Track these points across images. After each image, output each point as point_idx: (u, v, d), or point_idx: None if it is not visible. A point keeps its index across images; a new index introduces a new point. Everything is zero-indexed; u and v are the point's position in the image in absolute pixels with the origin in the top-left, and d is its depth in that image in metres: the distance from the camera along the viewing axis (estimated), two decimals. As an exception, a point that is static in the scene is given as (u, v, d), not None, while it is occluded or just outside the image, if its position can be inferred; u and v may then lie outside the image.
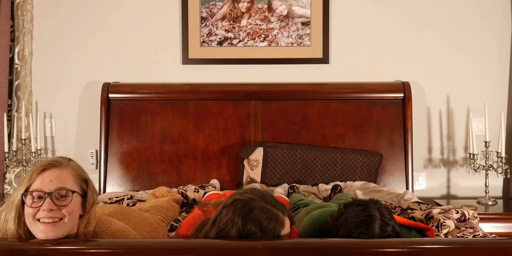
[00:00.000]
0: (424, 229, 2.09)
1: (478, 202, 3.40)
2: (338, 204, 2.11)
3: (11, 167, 3.57)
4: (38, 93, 3.74)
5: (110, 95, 3.59)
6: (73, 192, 1.78)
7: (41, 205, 1.73)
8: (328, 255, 1.67)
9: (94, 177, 3.61)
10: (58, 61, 3.73)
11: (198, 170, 3.55)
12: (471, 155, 3.40)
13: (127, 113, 3.61)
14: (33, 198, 1.74)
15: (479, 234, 2.43)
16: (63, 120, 3.75)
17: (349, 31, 3.69)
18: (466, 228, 2.53)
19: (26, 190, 1.76)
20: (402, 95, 3.55)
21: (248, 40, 3.69)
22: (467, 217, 2.67)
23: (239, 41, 3.70)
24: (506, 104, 3.66)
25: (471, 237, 2.39)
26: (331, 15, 3.67)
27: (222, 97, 3.60)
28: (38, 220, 1.73)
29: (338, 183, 3.33)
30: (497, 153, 3.38)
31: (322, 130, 3.57)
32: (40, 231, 1.73)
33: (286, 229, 1.80)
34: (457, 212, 2.66)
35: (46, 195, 1.74)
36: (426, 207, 2.73)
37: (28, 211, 1.74)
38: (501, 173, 3.38)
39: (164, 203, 2.76)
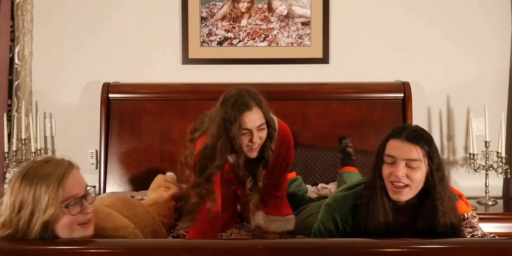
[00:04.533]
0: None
1: (478, 202, 3.40)
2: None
3: (11, 167, 3.56)
4: (38, 93, 3.74)
5: (110, 95, 3.59)
6: (92, 187, 1.78)
7: (81, 210, 1.70)
8: (328, 255, 1.67)
9: (94, 177, 3.63)
10: (58, 61, 3.73)
11: (198, 170, 3.54)
12: (471, 155, 3.40)
13: (127, 113, 3.61)
14: (71, 206, 1.69)
15: (477, 234, 2.43)
16: (63, 120, 3.75)
17: (349, 31, 3.69)
18: (466, 227, 2.53)
19: (62, 202, 1.67)
20: (402, 95, 3.55)
21: (248, 40, 3.69)
22: (466, 217, 2.67)
23: (239, 41, 3.70)
24: (506, 104, 3.66)
25: (469, 236, 2.40)
26: (331, 15, 3.67)
27: (222, 97, 3.59)
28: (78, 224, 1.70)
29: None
30: (497, 153, 3.38)
31: (322, 130, 3.57)
32: (81, 235, 1.71)
33: (253, 114, 2.19)
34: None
35: (83, 199, 1.72)
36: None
37: (67, 220, 1.68)
38: (501, 173, 3.38)
39: (162, 202, 2.75)
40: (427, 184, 1.95)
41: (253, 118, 2.22)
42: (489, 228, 3.00)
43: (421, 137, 1.94)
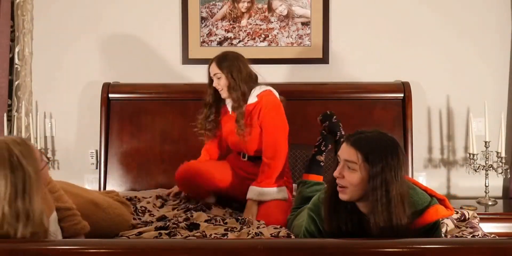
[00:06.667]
0: (438, 199, 2.12)
1: (478, 202, 3.40)
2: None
3: (11, 167, 3.56)
4: (38, 93, 3.74)
5: (110, 95, 3.59)
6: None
7: None
8: (328, 255, 1.67)
9: (94, 177, 3.63)
10: (58, 61, 3.73)
11: (198, 170, 3.54)
12: (471, 155, 3.40)
13: (127, 113, 3.61)
14: None
15: (478, 234, 2.43)
16: (63, 120, 3.75)
17: (349, 31, 3.69)
18: (467, 227, 2.54)
19: None
20: (402, 95, 3.55)
21: (248, 40, 3.69)
22: (467, 217, 2.68)
23: (239, 41, 3.70)
24: (506, 104, 3.66)
25: (469, 236, 2.40)
26: (331, 15, 3.67)
27: (222, 97, 3.59)
28: None
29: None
30: (497, 153, 3.38)
31: (322, 130, 3.56)
32: None
33: (211, 67, 2.99)
34: (457, 212, 2.68)
35: None
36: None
37: None
38: (501, 173, 3.38)
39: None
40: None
41: (211, 70, 2.98)
42: (489, 228, 3.00)
43: (367, 144, 1.94)
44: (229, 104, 3.03)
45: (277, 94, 3.02)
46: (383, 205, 1.87)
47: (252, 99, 2.93)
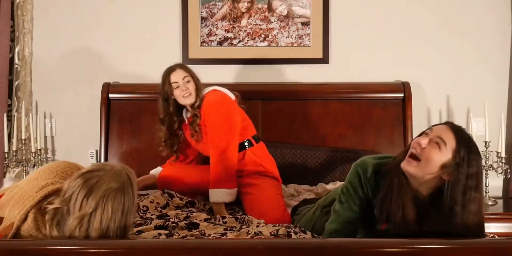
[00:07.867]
0: None
1: (478, 202, 3.40)
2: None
3: (11, 167, 3.57)
4: (38, 93, 3.74)
5: (110, 95, 3.60)
6: None
7: None
8: (327, 255, 1.67)
9: (94, 177, 3.62)
10: (58, 61, 3.73)
11: (198, 170, 3.54)
12: (471, 155, 3.40)
13: (127, 113, 3.61)
14: None
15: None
16: (63, 120, 3.75)
17: (349, 31, 3.69)
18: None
19: None
20: (402, 95, 3.55)
21: (248, 40, 3.69)
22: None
23: (239, 41, 3.70)
24: (506, 104, 3.66)
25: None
26: (331, 15, 3.67)
27: (222, 97, 3.59)
28: None
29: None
30: (497, 153, 3.38)
31: (322, 130, 3.56)
32: None
33: (177, 72, 2.96)
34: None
35: None
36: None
37: None
38: (501, 173, 3.38)
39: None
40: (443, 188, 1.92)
41: (178, 75, 2.92)
42: (489, 228, 3.00)
43: (468, 139, 1.97)
44: (186, 113, 3.00)
45: (225, 91, 2.97)
46: (467, 206, 1.89)
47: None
